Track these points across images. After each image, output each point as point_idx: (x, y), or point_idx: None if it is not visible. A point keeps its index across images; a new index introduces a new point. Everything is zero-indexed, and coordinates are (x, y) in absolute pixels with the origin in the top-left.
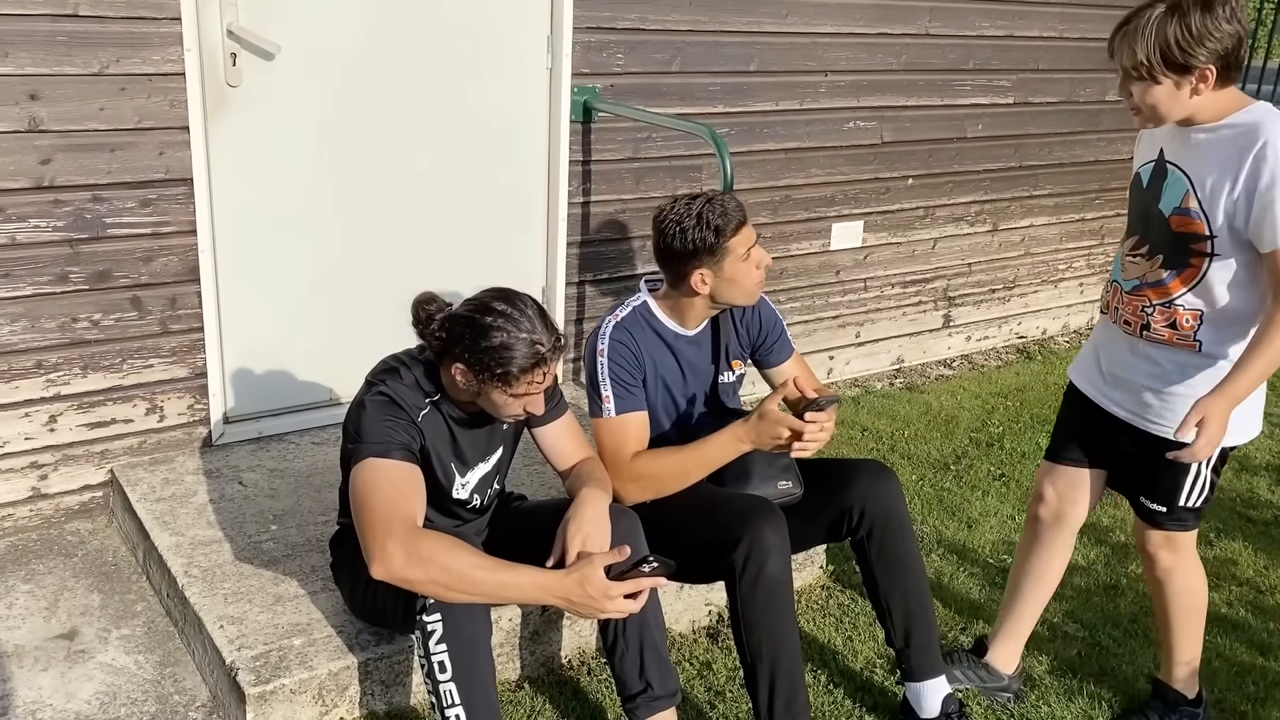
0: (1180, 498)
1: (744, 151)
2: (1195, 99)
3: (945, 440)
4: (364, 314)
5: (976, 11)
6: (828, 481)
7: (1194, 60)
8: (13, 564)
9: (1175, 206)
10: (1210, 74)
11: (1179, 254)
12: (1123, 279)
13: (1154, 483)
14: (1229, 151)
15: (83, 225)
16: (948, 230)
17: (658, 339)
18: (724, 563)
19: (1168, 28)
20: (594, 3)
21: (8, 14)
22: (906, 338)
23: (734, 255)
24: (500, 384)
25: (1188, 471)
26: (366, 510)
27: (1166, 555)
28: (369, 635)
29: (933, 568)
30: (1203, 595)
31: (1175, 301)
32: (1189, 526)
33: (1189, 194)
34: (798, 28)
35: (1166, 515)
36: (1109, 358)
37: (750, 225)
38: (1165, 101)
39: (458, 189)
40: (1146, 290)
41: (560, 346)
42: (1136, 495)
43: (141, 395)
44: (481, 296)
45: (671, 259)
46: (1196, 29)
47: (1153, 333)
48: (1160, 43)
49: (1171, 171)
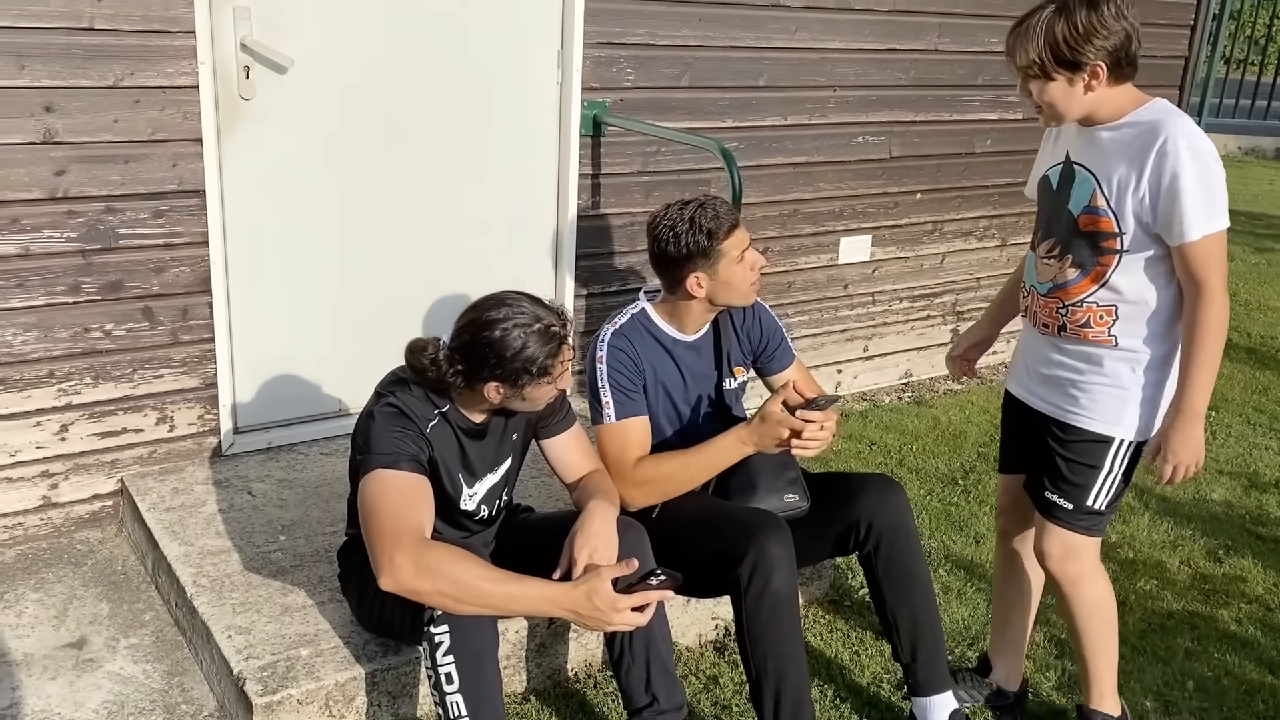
0: (1088, 496)
1: (752, 166)
2: (1090, 95)
3: (953, 455)
4: (374, 325)
5: (985, 28)
6: (835, 495)
7: (1083, 57)
8: (23, 572)
9: (1084, 205)
10: (1101, 70)
11: (1088, 252)
12: (1037, 282)
13: (1064, 476)
14: (1133, 149)
15: (96, 236)
16: (956, 245)
17: (657, 345)
18: (729, 577)
19: (1056, 26)
20: (604, 18)
21: (24, 27)
22: (915, 352)
23: (728, 258)
24: (539, 379)
25: (1100, 466)
26: (375, 521)
27: (1071, 565)
28: (376, 646)
29: (940, 582)
30: (1112, 606)
31: (1088, 300)
32: (1093, 532)
33: (1096, 192)
34: (806, 43)
35: (1072, 513)
36: (1033, 358)
37: (743, 228)
38: (1061, 99)
39: (467, 201)
40: (1059, 291)
41: (566, 315)
42: (1042, 490)
43: (152, 405)
44: (473, 315)
45: (666, 263)
46: (1083, 26)
47: (1069, 333)
48: (1049, 40)
49: (1079, 172)
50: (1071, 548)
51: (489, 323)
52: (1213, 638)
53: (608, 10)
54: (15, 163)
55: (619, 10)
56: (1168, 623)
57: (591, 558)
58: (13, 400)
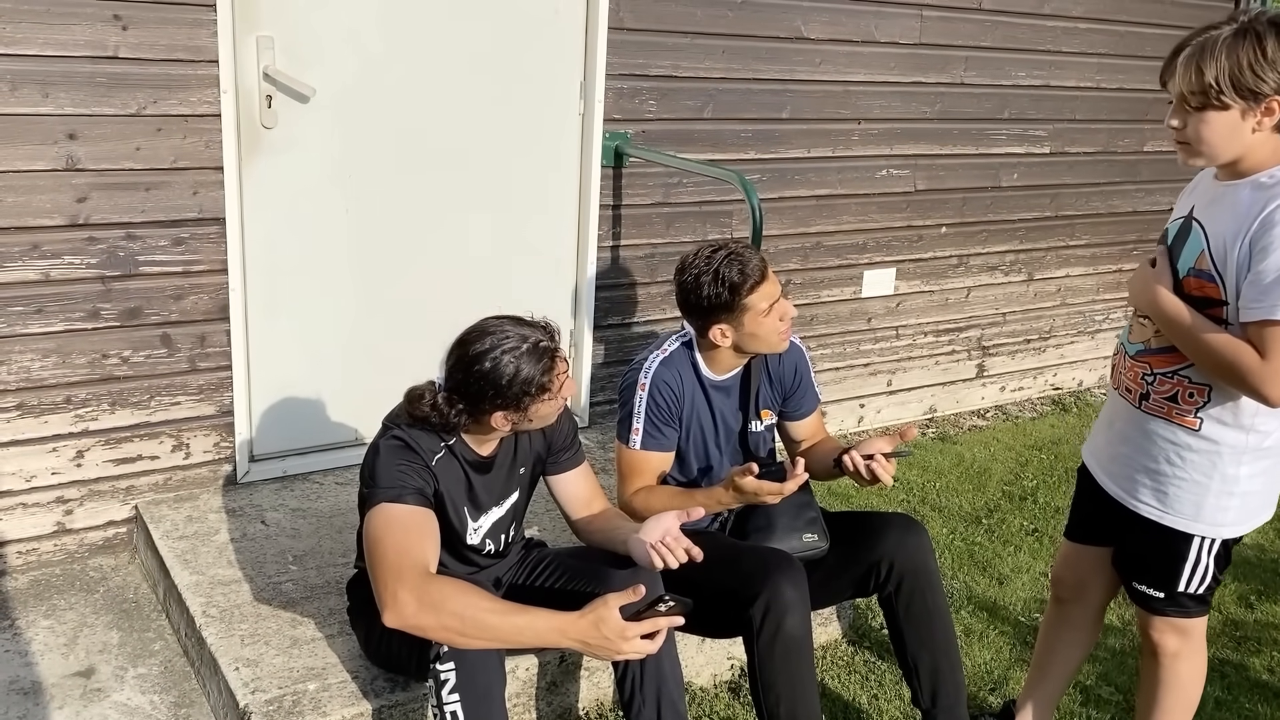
0: (1179, 584)
1: (775, 198)
2: (1254, 136)
3: (977, 493)
4: (391, 355)
5: (1012, 61)
6: (856, 535)
7: (1265, 86)
8: (34, 599)
9: (1190, 267)
10: (1277, 107)
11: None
12: (1128, 341)
13: (1147, 567)
14: (1244, 205)
15: (115, 262)
16: (982, 279)
17: (695, 381)
18: (742, 618)
19: (1240, 49)
20: (627, 49)
21: (49, 55)
22: (939, 387)
23: (754, 311)
24: (540, 397)
25: (1185, 558)
26: (379, 557)
27: (1173, 639)
28: (384, 682)
29: (962, 625)
30: (1199, 689)
31: (1180, 372)
32: (1194, 614)
33: (1204, 254)
34: (831, 76)
35: (1165, 601)
36: (1110, 428)
37: (772, 278)
38: (1223, 134)
39: (487, 232)
40: (1150, 356)
41: (551, 327)
42: (1131, 579)
43: (168, 432)
44: (460, 352)
45: (691, 312)
46: (1271, 52)
47: (1151, 403)
48: (1232, 64)
49: (1194, 229)
50: (1174, 626)
51: (478, 356)
52: (1244, 687)
53: (631, 42)
54: (37, 189)
55: (642, 42)
56: None
57: (667, 535)
58: (30, 426)
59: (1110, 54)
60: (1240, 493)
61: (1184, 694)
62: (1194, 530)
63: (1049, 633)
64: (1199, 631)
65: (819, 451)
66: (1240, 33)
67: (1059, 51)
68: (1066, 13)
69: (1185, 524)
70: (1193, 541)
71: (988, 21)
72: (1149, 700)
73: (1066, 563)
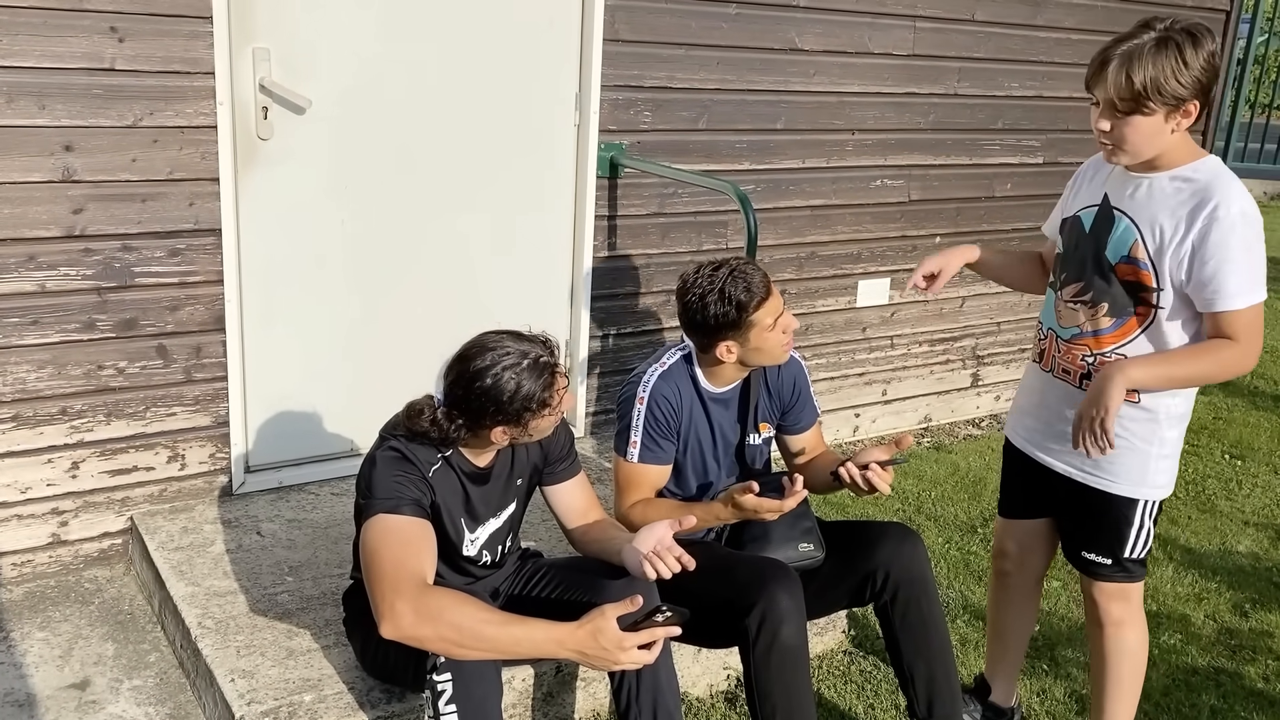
0: (1126, 549)
1: (770, 208)
2: (1172, 137)
3: (973, 502)
4: (387, 365)
5: (1005, 72)
6: (852, 544)
7: (1184, 91)
8: (29, 611)
9: (1123, 255)
10: (1194, 110)
11: (1124, 303)
12: (1059, 326)
13: (1096, 536)
14: (1183, 206)
15: (111, 274)
16: (976, 289)
17: (694, 394)
18: (738, 627)
19: (1163, 57)
20: (622, 61)
21: (46, 67)
22: (934, 396)
23: (760, 327)
24: (539, 412)
25: (1131, 523)
26: (375, 568)
27: (1119, 606)
28: (380, 693)
29: (958, 634)
30: (1145, 656)
31: (1119, 350)
32: (1136, 578)
33: (1138, 243)
34: (825, 87)
35: (1112, 567)
36: (1045, 409)
37: (775, 293)
38: (1145, 136)
39: (484, 243)
40: (1086, 340)
41: (551, 342)
42: (1078, 550)
43: (164, 443)
44: (460, 367)
45: (695, 330)
46: (1190, 60)
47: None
48: (1158, 72)
49: (1119, 219)
50: (1121, 592)
51: (478, 372)
52: (1239, 695)
53: (626, 53)
54: (34, 200)
55: (637, 53)
56: (1192, 679)
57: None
58: (25, 437)
59: None
60: (1170, 454)
61: (1133, 660)
62: (1139, 495)
63: (1000, 606)
64: (1139, 598)
65: (817, 465)
66: (1162, 42)
67: (1052, 62)
68: (1059, 24)
69: (1131, 489)
70: (1137, 505)
71: (981, 33)
72: (1101, 672)
73: (1007, 537)
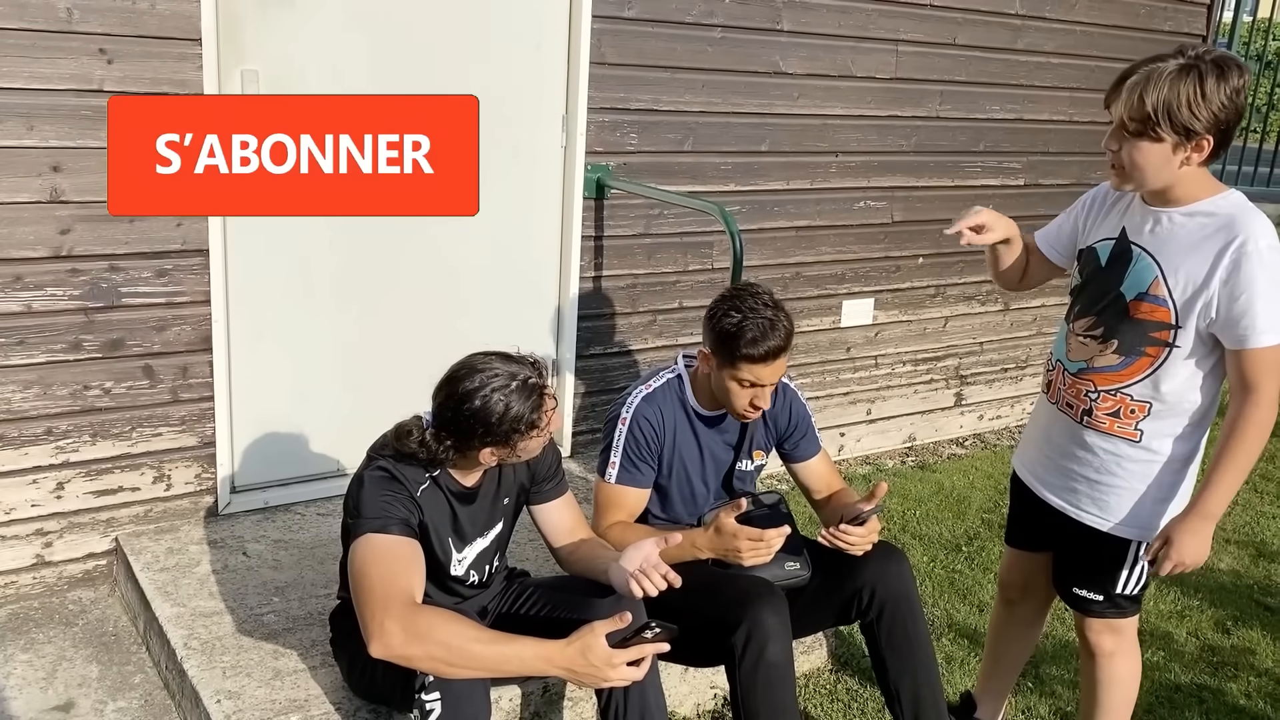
0: (1118, 586)
1: (755, 229)
2: (1182, 170)
3: (957, 521)
4: (374, 386)
5: (986, 95)
6: (837, 563)
7: (1198, 124)
8: (13, 632)
9: (1140, 292)
10: (1206, 145)
11: (1136, 341)
12: (1068, 359)
13: (1089, 572)
14: (1206, 243)
15: (98, 294)
16: (959, 309)
17: (684, 416)
18: (724, 645)
19: (1181, 84)
20: (609, 84)
21: (34, 89)
22: (918, 415)
23: (734, 376)
24: (528, 434)
25: (1123, 562)
26: (364, 587)
27: (1110, 639)
28: (367, 713)
29: (943, 652)
30: (1136, 685)
31: (1124, 390)
32: (1128, 614)
33: (1158, 280)
34: (809, 109)
35: (1103, 604)
36: (1047, 442)
37: (775, 367)
38: (1155, 164)
39: (470, 262)
40: (1093, 375)
41: (539, 364)
42: (1070, 586)
43: (149, 463)
44: (449, 389)
45: (705, 329)
46: (1209, 92)
47: (1094, 419)
48: (1172, 98)
49: (1138, 255)
50: (1111, 626)
51: (467, 394)
52: (1222, 712)
53: (612, 76)
54: (21, 221)
55: (623, 76)
56: (1175, 696)
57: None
58: (10, 457)
59: (1082, 88)
60: (1167, 498)
61: (1123, 690)
62: (1133, 535)
63: (1000, 630)
64: (1132, 630)
65: (835, 506)
66: (1185, 69)
67: (1032, 86)
68: (1039, 48)
69: (1124, 529)
70: (1130, 546)
71: (962, 56)
72: (1091, 699)
73: (1013, 567)
